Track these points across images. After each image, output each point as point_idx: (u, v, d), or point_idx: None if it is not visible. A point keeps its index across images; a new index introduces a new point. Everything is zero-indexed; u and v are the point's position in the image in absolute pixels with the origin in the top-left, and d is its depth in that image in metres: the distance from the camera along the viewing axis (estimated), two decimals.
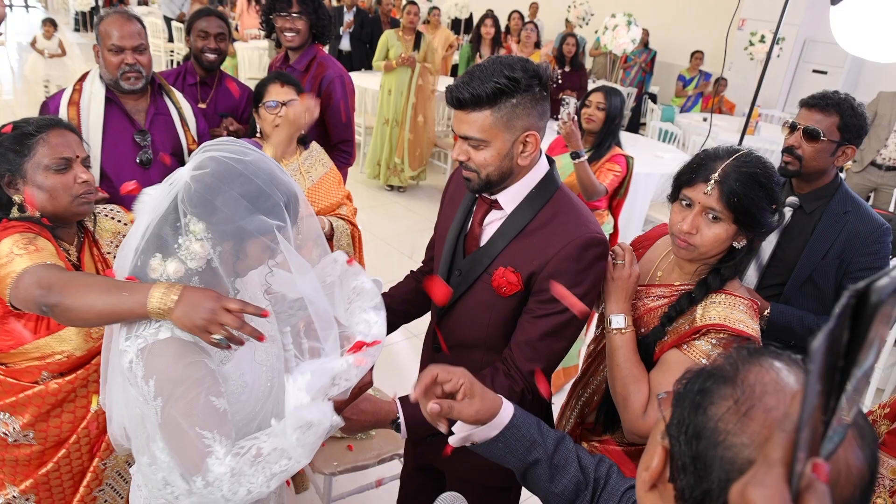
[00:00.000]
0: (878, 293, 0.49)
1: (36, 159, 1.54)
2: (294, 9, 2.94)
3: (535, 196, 1.46)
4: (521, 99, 1.35)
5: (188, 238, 1.19)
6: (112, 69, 2.31)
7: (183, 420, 1.12)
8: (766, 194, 1.40)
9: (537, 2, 11.31)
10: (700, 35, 9.04)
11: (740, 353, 0.72)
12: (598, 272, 1.44)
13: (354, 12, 8.29)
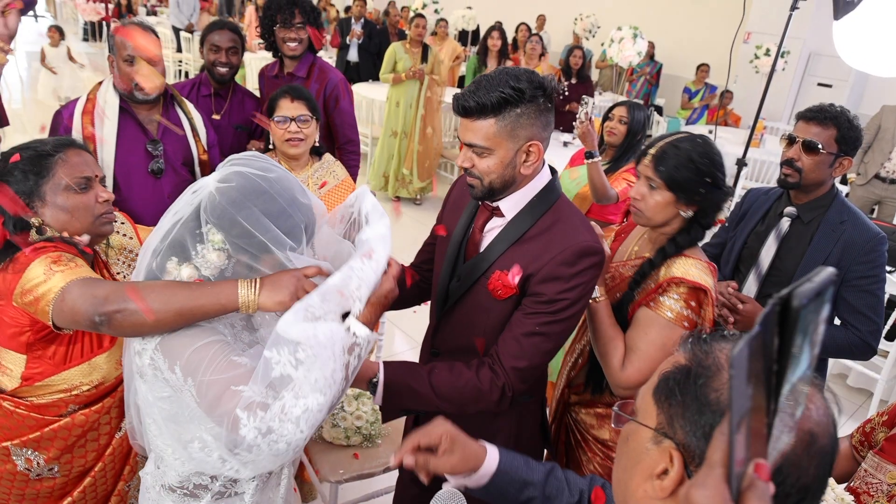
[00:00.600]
0: (799, 298, 0.52)
1: (55, 180, 1.50)
2: (297, 20, 3.02)
3: (536, 204, 1.49)
4: (526, 109, 1.38)
5: (206, 247, 1.23)
6: (126, 79, 2.35)
7: (217, 386, 1.15)
8: (695, 167, 1.61)
9: (545, 14, 11.38)
10: (706, 48, 9.08)
11: (701, 345, 0.76)
12: (590, 280, 1.47)
13: (362, 23, 8.37)
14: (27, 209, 1.51)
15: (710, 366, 0.72)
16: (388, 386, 1.44)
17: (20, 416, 1.50)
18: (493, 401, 1.44)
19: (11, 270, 1.42)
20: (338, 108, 3.16)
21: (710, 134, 3.93)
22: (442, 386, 1.44)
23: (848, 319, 2.08)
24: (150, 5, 14.16)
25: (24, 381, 1.49)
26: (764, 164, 6.36)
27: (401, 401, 1.44)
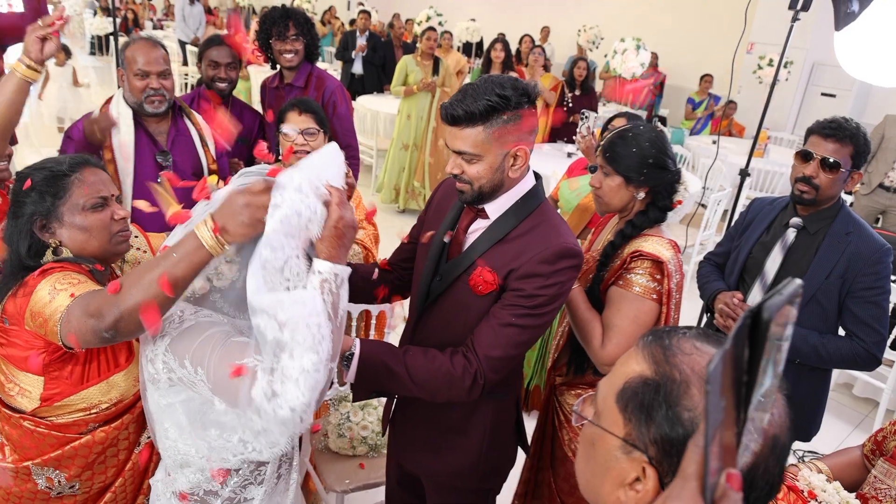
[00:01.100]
0: (769, 310, 0.53)
1: (73, 200, 1.49)
2: (292, 32, 3.10)
3: (521, 207, 1.53)
4: (512, 115, 1.42)
5: (219, 259, 1.23)
6: (137, 93, 2.42)
7: (223, 366, 1.16)
8: (639, 150, 1.76)
9: (548, 26, 11.45)
10: (709, 58, 9.10)
11: (664, 353, 0.76)
12: (567, 280, 1.50)
13: (367, 36, 8.42)
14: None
15: (679, 382, 0.72)
16: (364, 361, 1.44)
17: (40, 434, 1.50)
18: (465, 388, 1.46)
19: (21, 294, 1.42)
20: (336, 114, 3.24)
21: (715, 144, 3.95)
22: (416, 367, 1.46)
23: (853, 330, 2.08)
24: (157, 20, 14.30)
25: (44, 401, 1.48)
26: (768, 175, 6.37)
27: (374, 379, 1.45)
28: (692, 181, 5.56)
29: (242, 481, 1.38)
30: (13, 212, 1.49)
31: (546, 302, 1.47)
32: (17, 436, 1.51)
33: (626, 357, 0.82)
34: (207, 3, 12.98)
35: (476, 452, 1.70)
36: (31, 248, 1.47)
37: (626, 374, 0.78)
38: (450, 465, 1.73)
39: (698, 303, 4.40)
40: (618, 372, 0.81)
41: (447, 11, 8.55)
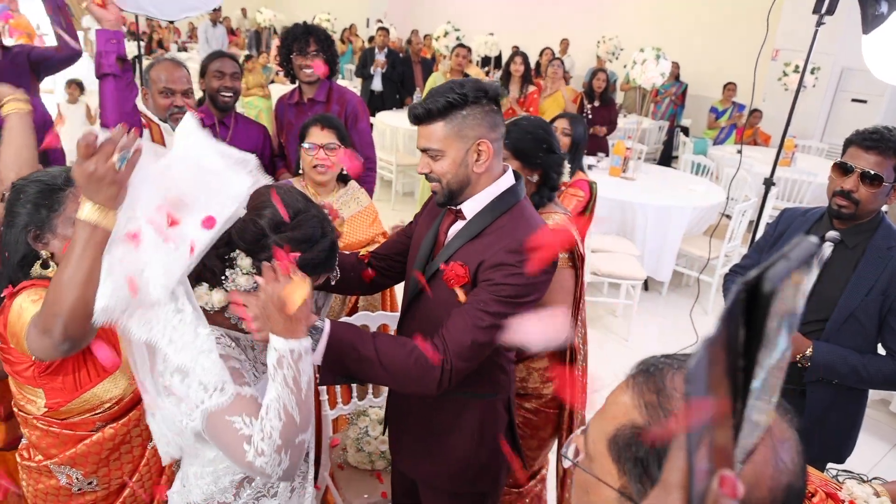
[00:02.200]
0: (772, 281, 0.45)
1: (67, 213, 1.50)
2: (312, 48, 3.13)
3: (496, 205, 1.56)
4: (471, 111, 1.49)
5: (236, 271, 1.27)
6: (161, 110, 2.56)
7: (218, 415, 1.20)
8: (533, 136, 2.01)
9: (568, 38, 11.41)
10: (732, 66, 8.97)
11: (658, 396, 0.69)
12: (536, 269, 1.48)
13: (386, 53, 8.45)
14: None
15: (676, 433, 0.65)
16: (332, 341, 1.40)
17: (54, 434, 1.56)
18: (435, 377, 1.43)
19: (2, 313, 1.46)
20: (356, 128, 3.28)
21: (739, 154, 3.86)
22: (385, 350, 1.43)
23: (895, 349, 1.98)
24: (181, 42, 14.55)
25: (49, 409, 1.54)
26: (795, 184, 6.22)
27: (342, 361, 1.41)
28: (716, 192, 5.46)
29: (255, 493, 1.40)
30: (8, 221, 1.52)
31: (514, 292, 1.46)
32: (36, 437, 1.58)
33: (617, 394, 0.74)
34: (230, 24, 13.20)
35: (465, 454, 1.70)
36: (24, 259, 1.51)
37: (617, 419, 0.71)
38: (440, 468, 1.74)
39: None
40: (608, 413, 0.74)
41: (464, 26, 8.56)
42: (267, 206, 1.30)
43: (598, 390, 3.84)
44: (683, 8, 10.66)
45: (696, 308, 4.54)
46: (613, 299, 4.74)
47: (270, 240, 1.27)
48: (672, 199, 5.06)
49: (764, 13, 3.11)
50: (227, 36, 11.37)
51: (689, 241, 5.14)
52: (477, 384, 1.64)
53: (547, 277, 1.52)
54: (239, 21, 15.66)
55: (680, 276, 5.51)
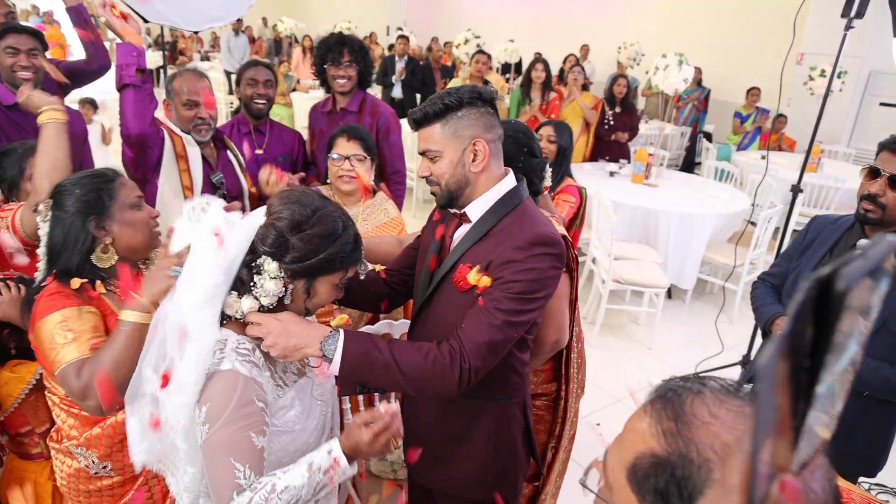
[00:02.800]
0: (847, 279, 0.43)
1: (121, 200, 1.64)
2: (346, 58, 3.14)
3: (499, 206, 1.58)
4: (467, 112, 1.53)
5: (263, 277, 1.31)
6: (185, 122, 2.56)
7: (221, 449, 1.22)
8: (514, 140, 1.97)
9: (588, 44, 11.36)
10: (756, 71, 8.86)
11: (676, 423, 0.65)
12: (546, 268, 1.50)
13: (406, 60, 8.48)
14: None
15: (698, 465, 0.61)
16: (347, 350, 1.39)
17: (75, 414, 1.65)
18: (454, 378, 1.42)
19: (36, 311, 1.56)
20: (388, 141, 3.30)
21: (764, 160, 3.80)
22: (402, 354, 1.43)
23: None
24: (204, 51, 14.72)
25: (68, 398, 1.63)
26: (822, 190, 6.11)
27: (359, 370, 1.41)
28: (740, 198, 5.39)
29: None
30: (62, 218, 1.60)
31: (524, 288, 1.46)
32: (61, 419, 1.68)
33: (634, 421, 0.71)
34: (251, 34, 13.34)
35: (481, 460, 1.70)
36: (83, 248, 1.60)
37: (635, 447, 0.68)
38: (455, 475, 1.73)
39: (749, 324, 4.25)
40: (626, 440, 0.70)
41: (485, 33, 8.55)
42: (284, 209, 1.34)
43: (620, 399, 3.82)
44: (705, 13, 10.57)
45: (720, 317, 4.47)
46: (636, 307, 4.68)
47: (291, 240, 1.31)
48: (695, 205, 5.00)
49: (788, 17, 3.06)
50: (249, 45, 11.48)
51: (713, 248, 5.07)
52: (491, 387, 1.64)
53: (556, 272, 1.53)
54: (260, 30, 15.82)
55: (704, 284, 5.44)
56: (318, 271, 1.35)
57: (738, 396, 0.65)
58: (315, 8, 18.08)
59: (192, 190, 2.57)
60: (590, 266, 4.99)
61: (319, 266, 1.34)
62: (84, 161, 3.10)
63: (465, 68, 7.97)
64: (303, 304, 1.39)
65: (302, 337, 1.36)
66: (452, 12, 15.41)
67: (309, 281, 1.36)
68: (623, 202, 4.91)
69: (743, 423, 0.61)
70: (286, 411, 1.37)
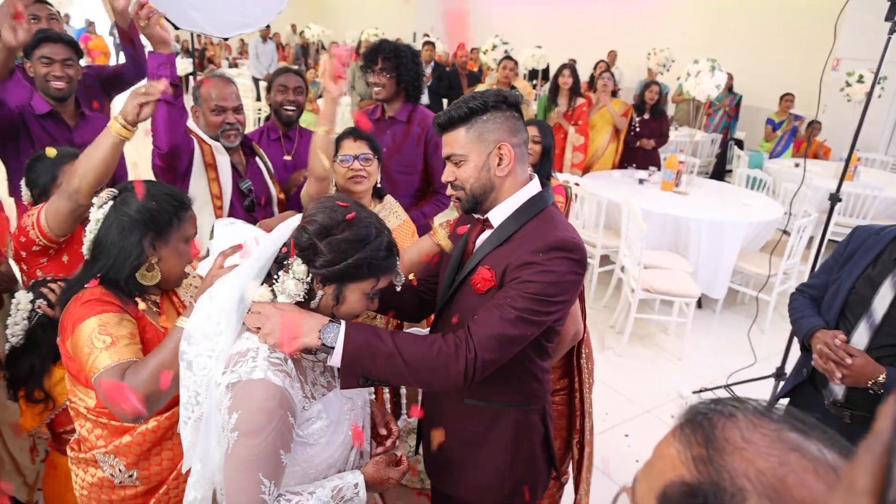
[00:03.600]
0: None
1: (182, 231, 1.64)
2: (378, 65, 3.10)
3: (523, 212, 1.56)
4: (491, 116, 1.53)
5: (288, 276, 1.32)
6: (213, 128, 2.55)
7: (250, 461, 1.21)
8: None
9: (615, 50, 11.26)
10: (788, 77, 8.71)
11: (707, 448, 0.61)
12: (565, 271, 1.46)
13: (433, 66, 8.48)
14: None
15: (731, 494, 0.57)
16: (349, 341, 1.34)
17: (103, 423, 1.62)
18: (460, 368, 1.39)
19: (70, 318, 1.52)
20: (438, 154, 3.20)
21: (797, 168, 3.71)
22: (405, 344, 1.39)
23: None
24: (232, 58, 14.90)
25: (97, 407, 1.60)
26: (859, 199, 5.96)
27: (361, 361, 1.35)
28: (773, 207, 5.27)
29: None
30: (128, 224, 1.57)
31: (544, 290, 1.43)
32: (87, 429, 1.63)
33: (663, 447, 0.67)
34: (279, 40, 13.47)
35: (499, 467, 1.68)
36: (133, 262, 1.58)
37: (665, 475, 0.64)
38: (473, 482, 1.71)
39: (781, 336, 4.14)
40: (655, 467, 0.66)
41: (512, 39, 8.52)
42: (318, 213, 1.34)
43: (649, 410, 3.75)
44: (737, 17, 10.42)
45: (752, 328, 4.37)
46: (666, 317, 4.60)
47: (321, 244, 1.31)
48: (727, 214, 4.91)
49: (823, 21, 2.98)
50: (277, 52, 11.58)
51: (744, 257, 4.97)
52: (507, 393, 1.63)
53: (576, 278, 1.49)
54: (289, 37, 15.97)
55: (734, 294, 5.33)
56: (346, 277, 1.33)
57: (773, 420, 0.61)
58: (343, 15, 18.23)
59: (221, 198, 2.56)
60: (618, 274, 4.92)
61: (347, 271, 1.32)
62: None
63: (493, 74, 7.95)
64: (330, 311, 1.37)
65: (299, 326, 1.31)
66: (479, 18, 15.41)
67: (338, 287, 1.34)
68: (652, 210, 4.84)
69: (779, 448, 0.58)
70: (311, 423, 1.35)
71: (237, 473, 1.22)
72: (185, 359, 1.35)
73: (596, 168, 6.20)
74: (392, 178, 3.16)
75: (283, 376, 1.27)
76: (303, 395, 1.34)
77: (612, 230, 5.20)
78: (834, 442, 0.59)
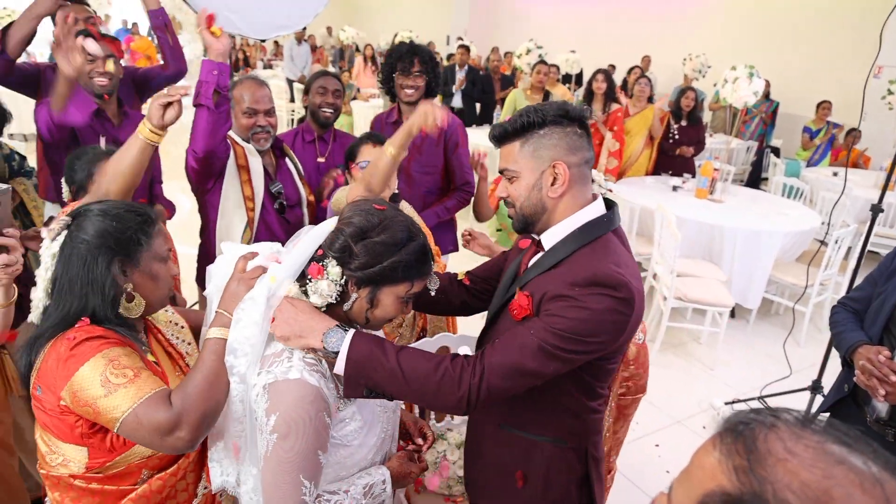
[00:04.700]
0: None
1: (153, 250, 1.47)
2: (416, 68, 3.09)
3: (577, 237, 1.44)
4: (549, 131, 1.42)
5: (322, 277, 1.32)
6: (245, 130, 2.56)
7: (290, 463, 1.22)
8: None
9: (650, 55, 11.16)
10: (826, 84, 8.56)
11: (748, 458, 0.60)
12: (603, 309, 1.32)
13: (466, 71, 8.49)
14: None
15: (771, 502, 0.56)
16: (353, 351, 1.30)
17: (94, 490, 1.41)
18: (461, 394, 1.31)
19: (57, 362, 1.32)
20: (457, 153, 3.24)
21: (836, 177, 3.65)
22: (408, 362, 1.32)
23: None
24: (267, 59, 15.08)
25: (88, 469, 1.39)
26: None
27: (362, 370, 1.31)
28: (810, 216, 5.18)
29: None
30: (86, 252, 1.38)
31: (574, 327, 1.31)
32: (70, 498, 1.42)
33: (701, 456, 0.66)
34: (314, 42, 13.60)
35: (530, 498, 1.59)
36: (108, 294, 1.39)
37: (703, 485, 0.63)
38: (499, 496, 1.65)
39: (817, 348, 4.07)
40: (694, 476, 0.66)
41: (546, 43, 8.50)
42: (354, 216, 1.34)
43: (680, 420, 3.70)
44: (772, 24, 10.26)
45: (788, 339, 4.30)
46: (698, 326, 4.54)
47: (356, 248, 1.31)
48: (762, 222, 4.83)
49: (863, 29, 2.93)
50: (311, 53, 11.69)
51: (780, 267, 4.89)
52: (539, 426, 1.55)
53: (618, 318, 1.34)
54: (323, 39, 16.12)
55: (769, 305, 5.24)
56: (381, 280, 1.33)
57: (816, 431, 0.60)
58: (377, 17, 18.34)
59: (254, 200, 2.57)
60: (650, 282, 4.87)
61: (382, 274, 1.32)
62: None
63: (526, 78, 7.94)
64: (364, 314, 1.37)
65: (305, 326, 1.30)
66: (513, 22, 15.40)
67: (373, 290, 1.34)
68: (686, 217, 4.79)
69: (824, 460, 0.57)
70: (345, 424, 1.36)
71: (278, 475, 1.22)
72: (236, 372, 1.33)
73: (629, 174, 6.15)
74: (414, 180, 3.18)
75: (318, 376, 1.28)
76: (337, 395, 1.35)
77: (645, 237, 5.15)
78: (879, 455, 0.58)
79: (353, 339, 1.30)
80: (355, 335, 1.32)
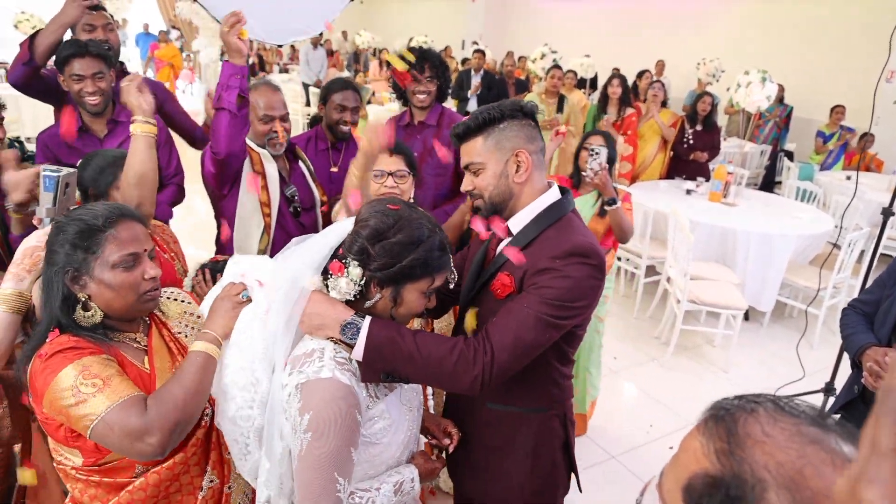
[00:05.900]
0: None
1: (104, 257, 1.42)
2: (427, 74, 3.14)
3: (542, 218, 1.58)
4: (508, 124, 1.56)
5: (343, 275, 1.35)
6: (260, 135, 2.59)
7: (325, 460, 1.24)
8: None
9: (664, 59, 11.18)
10: (840, 89, 8.55)
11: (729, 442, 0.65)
12: (584, 277, 1.47)
13: (482, 75, 8.56)
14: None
15: (751, 485, 0.61)
16: (371, 336, 1.36)
17: (95, 482, 1.45)
18: (476, 374, 1.40)
19: (40, 370, 1.35)
20: None
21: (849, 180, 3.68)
22: (425, 345, 1.39)
23: None
24: (283, 63, 15.21)
25: (85, 465, 1.43)
26: None
27: (381, 355, 1.37)
28: (824, 220, 5.21)
29: None
30: (47, 259, 1.44)
31: (561, 295, 1.44)
32: (78, 490, 1.47)
33: (688, 440, 0.71)
34: (330, 46, 13.72)
35: (519, 475, 1.69)
36: (64, 301, 1.42)
37: (689, 468, 0.68)
38: (494, 487, 1.72)
39: (830, 350, 4.09)
40: (680, 460, 0.71)
41: (560, 48, 8.56)
42: (370, 218, 1.36)
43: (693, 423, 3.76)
44: (788, 28, 10.25)
45: (801, 342, 4.33)
46: (712, 329, 4.59)
47: (374, 249, 1.33)
48: (776, 226, 4.87)
49: (876, 33, 2.97)
50: (327, 58, 11.80)
51: (793, 270, 4.92)
52: (528, 398, 1.64)
53: (595, 283, 1.50)
54: (339, 43, 16.23)
55: (783, 307, 5.28)
56: (403, 278, 1.35)
57: (793, 414, 0.65)
58: (392, 22, 18.44)
59: (270, 205, 2.59)
60: (664, 285, 4.92)
61: (402, 273, 1.34)
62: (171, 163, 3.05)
63: (540, 83, 8.00)
64: (389, 312, 1.40)
65: (322, 317, 1.36)
66: (528, 27, 15.43)
67: (396, 289, 1.36)
68: (700, 221, 4.83)
69: (798, 441, 0.62)
70: (374, 422, 1.38)
71: (312, 474, 1.24)
72: (227, 416, 1.39)
73: (643, 178, 6.20)
74: (425, 182, 3.18)
75: (349, 375, 1.31)
76: (367, 393, 1.37)
77: (659, 240, 5.21)
78: (852, 436, 0.63)
79: (372, 325, 1.36)
80: (373, 321, 1.37)
